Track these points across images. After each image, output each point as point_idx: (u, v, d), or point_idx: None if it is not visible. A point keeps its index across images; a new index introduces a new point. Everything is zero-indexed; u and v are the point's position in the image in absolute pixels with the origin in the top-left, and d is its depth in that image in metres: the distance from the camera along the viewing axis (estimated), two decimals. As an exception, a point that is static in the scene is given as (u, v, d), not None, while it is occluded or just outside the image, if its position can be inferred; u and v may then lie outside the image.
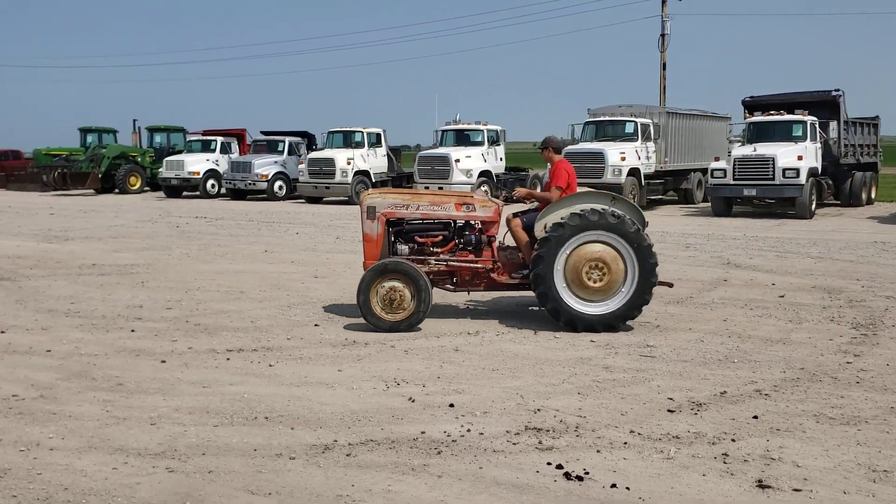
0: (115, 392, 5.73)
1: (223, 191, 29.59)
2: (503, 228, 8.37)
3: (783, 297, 9.23)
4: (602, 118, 23.39)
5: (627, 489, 4.07)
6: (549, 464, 4.39)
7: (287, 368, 6.36)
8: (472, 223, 8.27)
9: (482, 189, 22.33)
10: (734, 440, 4.75)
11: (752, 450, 4.59)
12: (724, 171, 20.32)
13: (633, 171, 21.66)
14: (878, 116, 25.16)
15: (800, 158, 19.55)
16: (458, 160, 23.84)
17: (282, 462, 4.44)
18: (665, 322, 8.00)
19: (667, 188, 24.58)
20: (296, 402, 5.47)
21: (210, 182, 29.86)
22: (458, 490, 4.07)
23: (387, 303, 7.57)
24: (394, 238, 8.25)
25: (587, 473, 4.26)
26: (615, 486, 4.09)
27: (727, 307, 8.72)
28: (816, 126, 20.59)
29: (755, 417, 5.14)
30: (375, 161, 26.74)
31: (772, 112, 21.61)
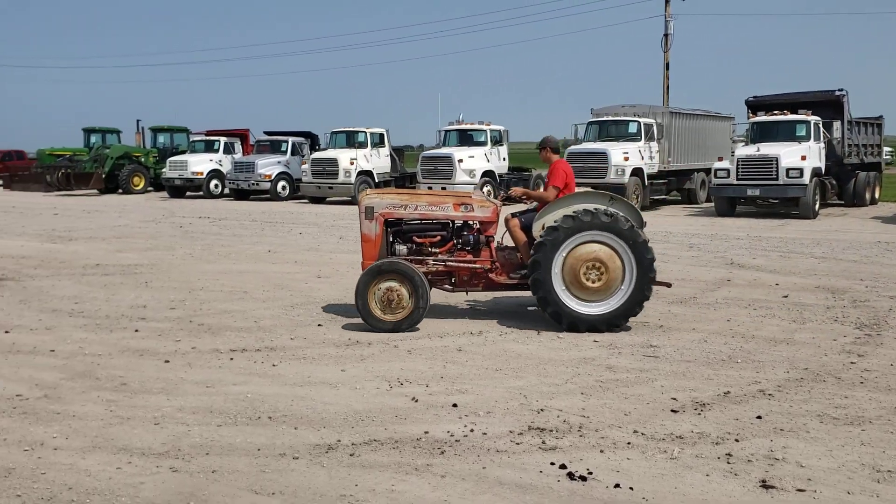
0: (119, 392, 5.74)
1: (226, 191, 29.61)
2: (501, 228, 8.38)
3: (787, 298, 9.22)
4: (605, 118, 23.37)
5: (631, 489, 4.07)
6: (553, 464, 4.39)
7: (290, 368, 6.37)
8: (471, 223, 8.27)
9: (486, 189, 22.33)
10: (738, 440, 4.74)
11: (756, 450, 4.58)
12: (728, 171, 20.30)
13: (637, 171, 21.63)
14: (882, 116, 25.14)
15: (803, 158, 19.53)
16: (462, 160, 23.85)
17: (285, 462, 4.44)
18: (668, 322, 7.99)
19: (670, 188, 24.57)
20: (299, 402, 5.48)
21: (213, 182, 29.89)
22: (462, 490, 4.07)
23: (385, 304, 7.57)
24: (392, 238, 8.26)
25: (590, 473, 4.26)
26: (619, 486, 4.09)
27: (731, 307, 8.72)
28: (820, 126, 20.57)
29: (759, 417, 5.13)
30: (378, 161, 26.76)
31: (775, 112, 21.59)
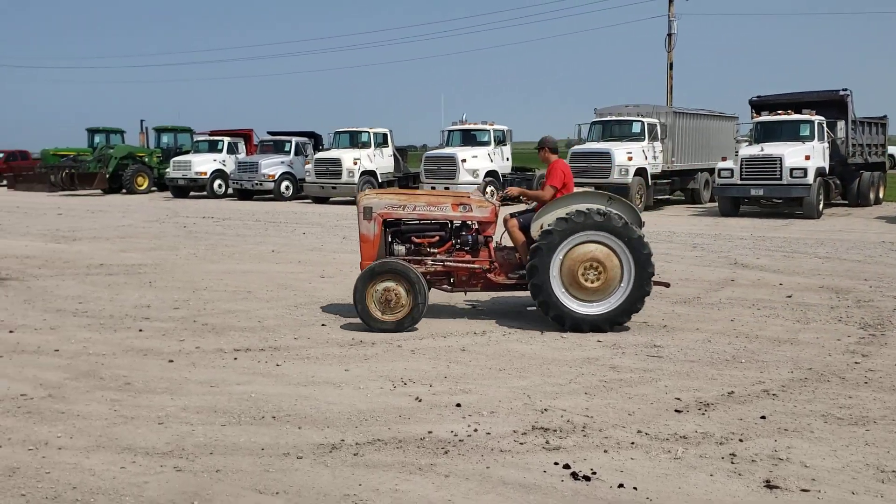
0: (123, 391, 5.75)
1: (230, 191, 29.65)
2: (500, 229, 8.38)
3: (791, 298, 9.21)
4: (609, 118, 23.35)
5: (635, 489, 4.06)
6: (557, 464, 4.39)
7: (294, 368, 6.37)
8: (469, 223, 8.27)
9: (489, 189, 22.32)
10: (742, 440, 4.74)
11: (760, 450, 4.58)
12: (732, 171, 20.25)
13: (640, 171, 21.61)
14: (887, 116, 25.03)
15: (807, 158, 19.48)
16: (465, 160, 23.84)
17: (289, 461, 4.45)
18: (672, 322, 7.98)
19: (674, 188, 24.54)
20: (303, 402, 5.48)
21: (217, 182, 29.93)
22: (466, 490, 4.07)
23: (385, 304, 7.57)
24: (391, 238, 8.26)
25: (594, 473, 4.25)
26: (622, 486, 4.09)
27: (735, 307, 8.70)
28: (824, 126, 20.52)
29: (763, 418, 5.13)
30: (382, 161, 26.77)
31: (779, 112, 21.54)
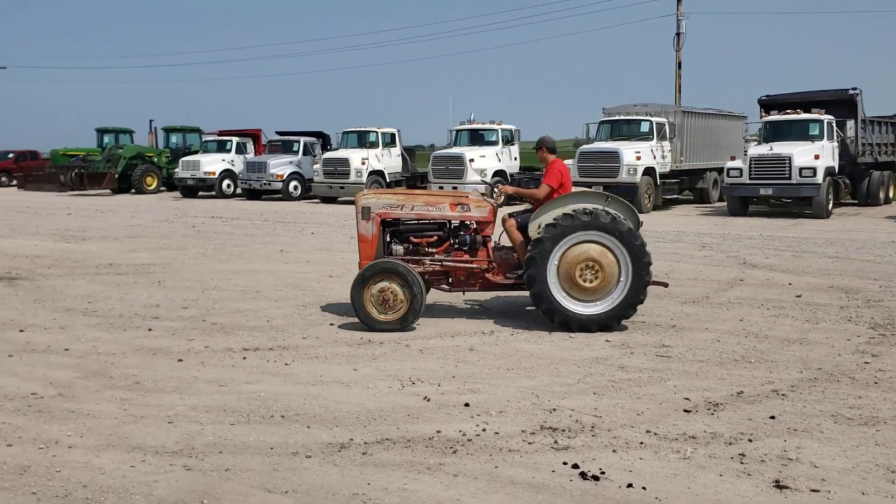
0: (133, 390, 5.77)
1: (239, 191, 29.74)
2: (498, 228, 8.38)
3: (800, 297, 9.17)
4: (617, 117, 23.33)
5: (644, 489, 4.06)
6: (565, 463, 4.38)
7: (303, 367, 6.38)
8: (467, 223, 8.27)
9: (496, 189, 22.29)
10: (751, 440, 4.72)
11: (770, 450, 4.56)
12: (741, 171, 20.19)
13: (649, 171, 21.58)
14: (897, 115, 24.95)
15: (816, 157, 19.40)
16: (473, 160, 23.84)
17: (298, 460, 4.46)
18: (681, 322, 7.96)
19: (682, 187, 24.50)
20: (312, 401, 5.49)
21: (226, 182, 30.04)
22: (474, 489, 4.07)
23: (383, 304, 7.58)
24: (389, 238, 8.27)
25: (603, 473, 4.25)
26: (631, 486, 4.08)
27: (744, 307, 8.68)
28: (833, 125, 20.44)
29: (772, 418, 5.11)
30: (390, 161, 26.81)
31: (788, 111, 21.48)
